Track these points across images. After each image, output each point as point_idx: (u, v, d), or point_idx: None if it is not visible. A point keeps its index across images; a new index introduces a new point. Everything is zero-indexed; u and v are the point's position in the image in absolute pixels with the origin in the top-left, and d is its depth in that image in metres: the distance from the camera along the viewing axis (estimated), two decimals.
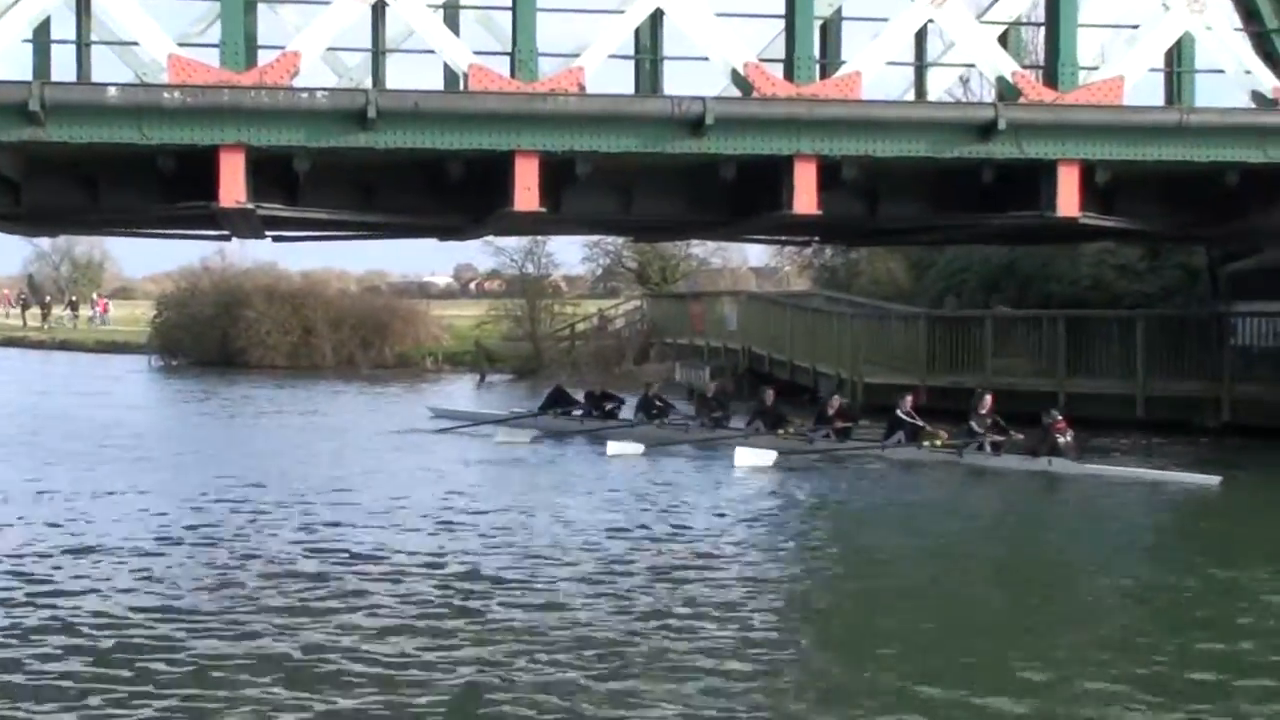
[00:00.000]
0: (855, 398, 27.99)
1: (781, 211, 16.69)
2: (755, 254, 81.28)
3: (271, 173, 16.26)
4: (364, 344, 49.57)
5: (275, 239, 21.32)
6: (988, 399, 22.31)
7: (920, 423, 22.39)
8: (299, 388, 39.24)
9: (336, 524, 15.84)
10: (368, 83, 17.65)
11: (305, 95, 15.12)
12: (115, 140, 14.92)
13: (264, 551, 14.18)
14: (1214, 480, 19.34)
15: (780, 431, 23.16)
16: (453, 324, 53.49)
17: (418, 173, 17.42)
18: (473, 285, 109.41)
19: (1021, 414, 25.01)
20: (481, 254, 76.19)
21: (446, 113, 15.47)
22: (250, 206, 15.59)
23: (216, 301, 51.09)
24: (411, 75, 54.72)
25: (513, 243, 47.93)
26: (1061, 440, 21.00)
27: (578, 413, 26.28)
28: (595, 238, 51.92)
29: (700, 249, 56.50)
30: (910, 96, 18.94)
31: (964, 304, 34.20)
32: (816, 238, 27.41)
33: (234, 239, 22.25)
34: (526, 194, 15.74)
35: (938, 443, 21.73)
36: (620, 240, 51.34)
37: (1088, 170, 17.16)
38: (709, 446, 23.13)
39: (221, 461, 21.78)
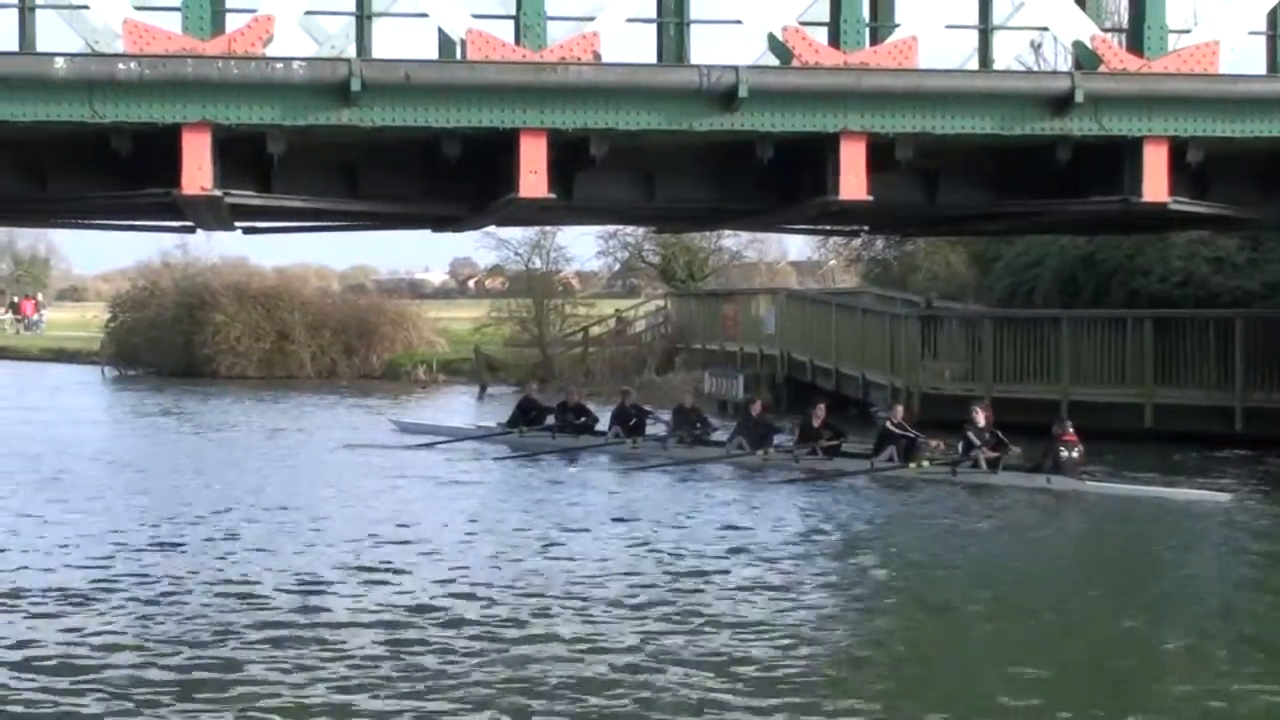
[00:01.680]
0: (911, 410, 27.95)
1: (826, 197, 16.66)
2: (796, 247, 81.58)
3: (241, 155, 16.28)
4: (347, 351, 49.68)
5: (246, 231, 21.36)
6: (981, 410, 22.73)
7: (913, 434, 22.82)
8: (272, 401, 39.42)
9: (261, 552, 16.23)
10: (351, 51, 17.68)
11: (280, 66, 15.14)
12: (63, 118, 14.95)
13: (187, 600, 14.27)
14: (1224, 497, 19.86)
15: (763, 452, 23.83)
16: (449, 328, 53.58)
17: (409, 154, 17.43)
18: (471, 283, 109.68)
19: (1104, 431, 24.98)
20: (482, 248, 75.92)
21: (441, 85, 15.49)
22: (217, 194, 15.61)
23: (179, 303, 51.25)
24: (402, 43, 54.92)
25: (517, 234, 48.06)
26: (1065, 455, 21.30)
27: (549, 426, 27.15)
28: (612, 229, 51.99)
29: (733, 241, 56.56)
30: (974, 65, 18.92)
31: (1037, 302, 34.14)
32: (866, 227, 27.33)
33: (199, 231, 22.31)
34: (533, 178, 15.75)
35: (926, 462, 22.18)
36: (641, 231, 51.39)
37: (1178, 149, 17.10)
38: (687, 465, 23.81)
39: (168, 487, 22.00)
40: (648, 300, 52.40)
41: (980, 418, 22.46)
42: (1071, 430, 21.60)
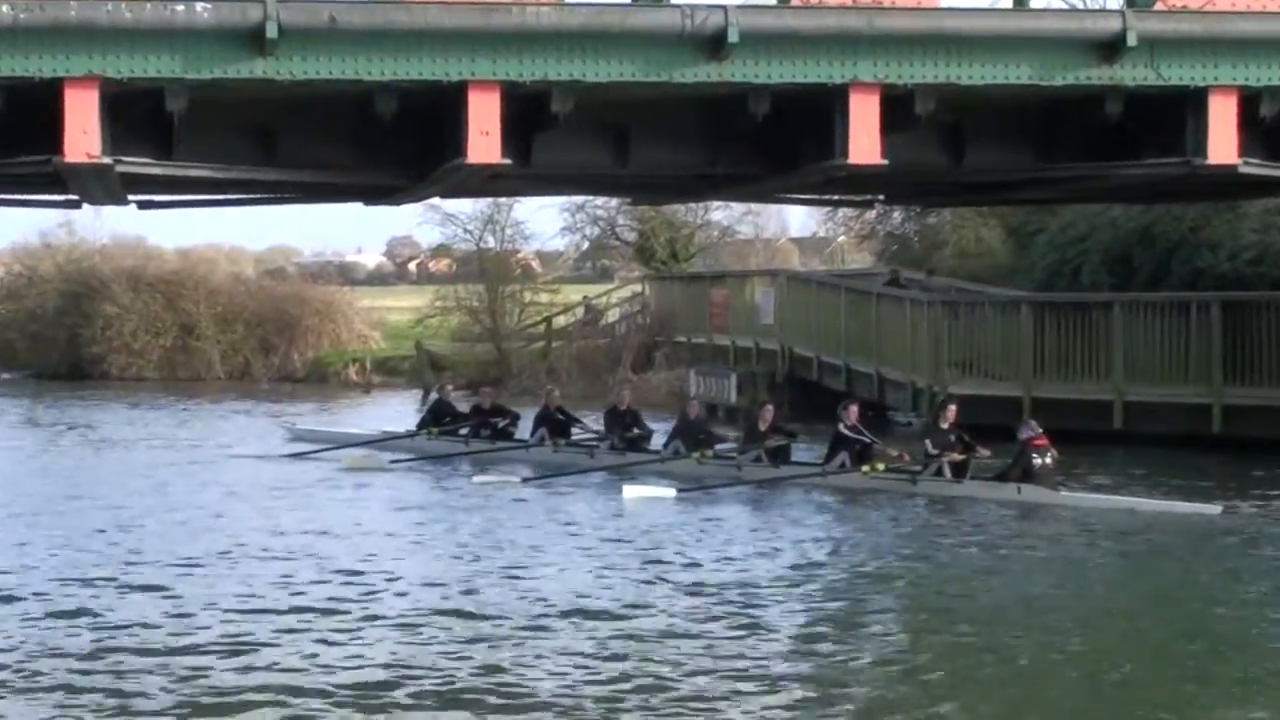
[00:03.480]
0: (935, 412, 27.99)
1: (833, 161, 16.72)
2: (798, 220, 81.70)
3: (136, 115, 16.30)
4: (264, 348, 49.64)
5: (141, 206, 21.35)
6: (951, 409, 23.08)
7: (869, 438, 23.29)
8: (171, 408, 39.25)
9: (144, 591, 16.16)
10: None
11: (181, 9, 15.16)
12: None
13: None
14: (1214, 509, 20.21)
15: (699, 455, 24.42)
16: (385, 319, 53.50)
17: (336, 114, 17.45)
18: (412, 267, 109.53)
19: (1163, 437, 25.03)
20: (424, 224, 75.74)
21: (374, 30, 15.51)
22: (107, 161, 15.62)
23: (62, 292, 51.20)
24: None
25: (466, 207, 48.01)
26: (1038, 461, 21.59)
27: (464, 431, 27.85)
28: (579, 200, 51.97)
29: (723, 214, 56.53)
30: (1007, 3, 18.98)
31: (1084, 284, 34.23)
32: (881, 197, 27.44)
33: (85, 206, 22.28)
34: (484, 140, 15.78)
35: (881, 466, 22.65)
36: (614, 204, 51.35)
37: (1249, 101, 17.20)
38: (620, 473, 24.31)
39: (29, 514, 21.84)
40: (622, 285, 52.37)
41: (947, 417, 22.82)
42: (1041, 434, 21.85)
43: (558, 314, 48.21)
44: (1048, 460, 21.60)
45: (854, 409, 23.78)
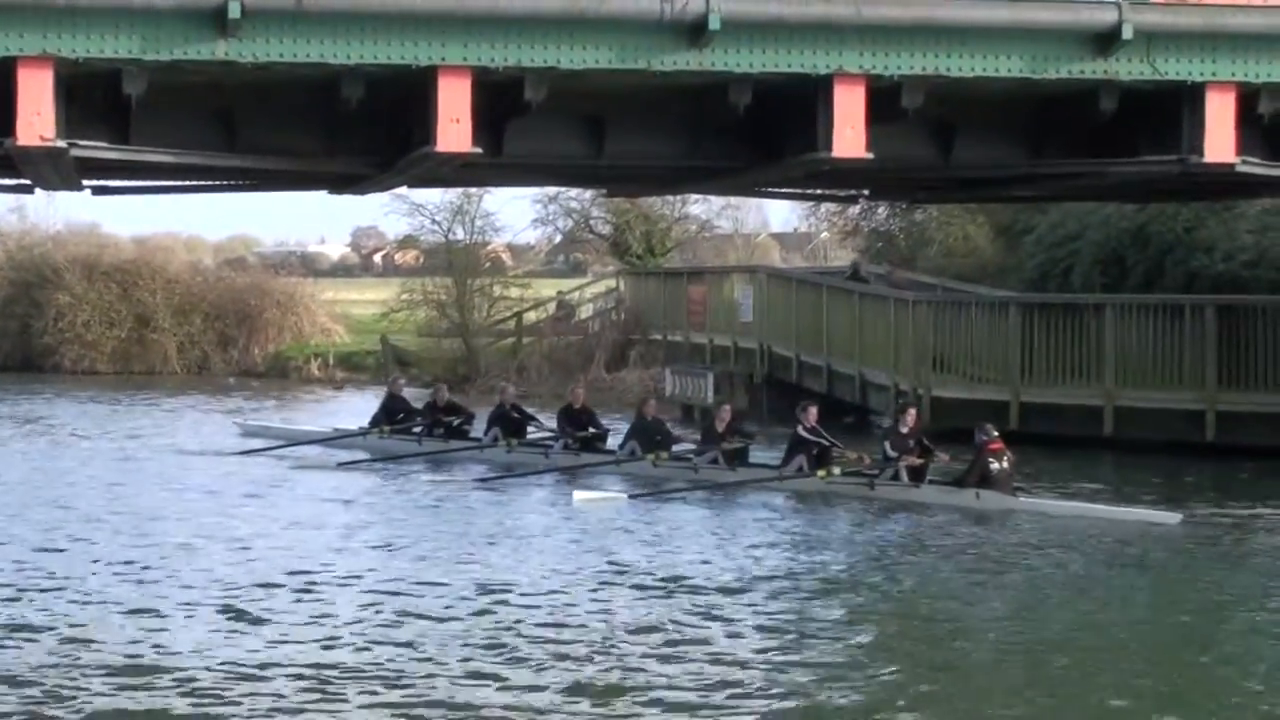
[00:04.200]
0: (920, 417, 28.01)
1: (816, 154, 16.71)
2: (779, 215, 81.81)
3: (92, 97, 16.24)
4: (222, 341, 49.54)
5: (96, 191, 21.28)
6: (911, 413, 23.40)
7: (828, 441, 23.54)
8: (124, 403, 39.11)
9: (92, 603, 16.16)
10: None
11: None
12: None
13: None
14: (1174, 518, 20.50)
15: (654, 457, 24.64)
16: (349, 312, 53.46)
17: (300, 99, 17.40)
18: (378, 258, 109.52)
19: (1156, 444, 25.13)
20: (391, 214, 75.63)
21: (340, 11, 15.46)
22: (61, 145, 15.55)
23: (12, 281, 51.08)
24: None
25: (435, 198, 47.89)
26: (995, 466, 21.83)
27: (417, 429, 28.23)
28: (552, 191, 51.90)
29: (701, 207, 56.55)
30: None
31: (1075, 285, 34.27)
32: (865, 192, 27.41)
33: (38, 191, 22.19)
34: (454, 129, 15.75)
35: (837, 470, 22.92)
36: (587, 195, 51.31)
37: (1248, 98, 17.21)
38: (573, 474, 24.63)
39: None
40: (596, 280, 52.41)
41: (907, 421, 23.10)
42: (997, 439, 22.06)
43: (529, 309, 48.18)
44: (1004, 465, 21.89)
45: (812, 411, 24.00)
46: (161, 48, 15.25)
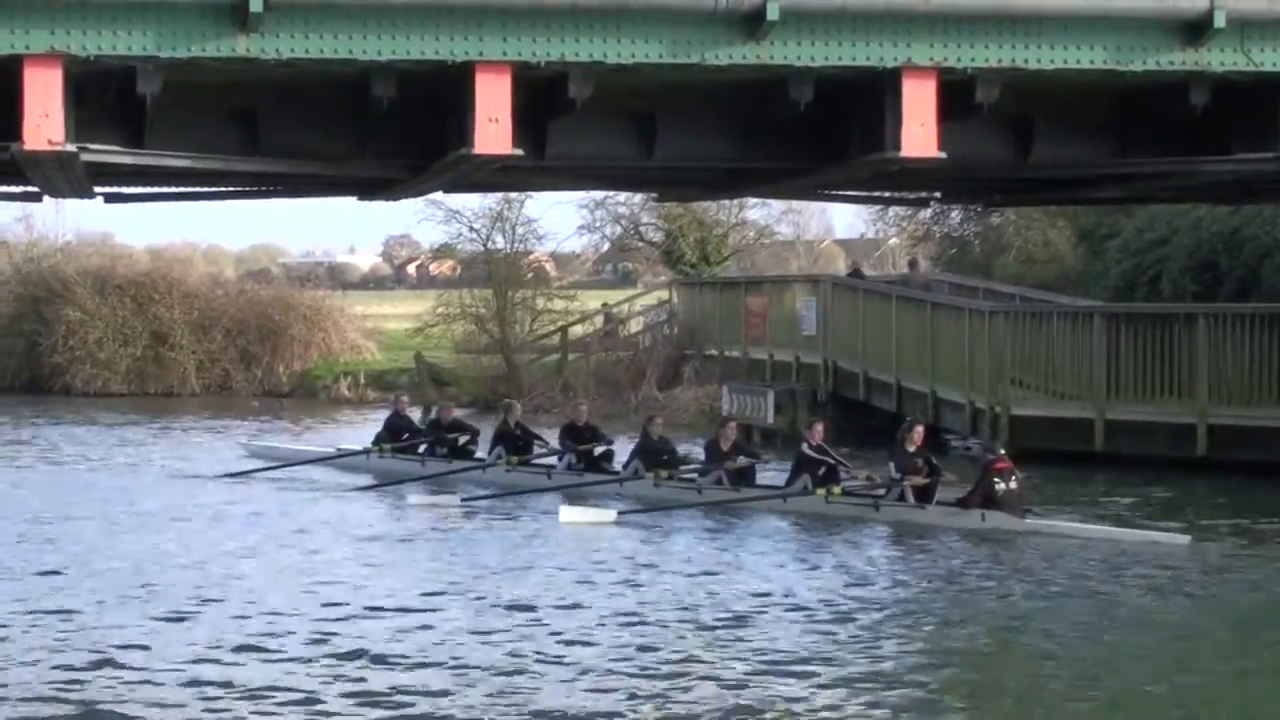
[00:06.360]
0: (998, 436, 27.95)
1: (884, 154, 16.72)
2: (844, 221, 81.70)
3: (104, 98, 16.32)
4: (245, 359, 49.74)
5: (109, 199, 21.40)
6: (918, 430, 23.37)
7: (834, 460, 23.73)
8: (138, 426, 39.20)
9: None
10: None
11: None
12: None
13: None
14: (1182, 540, 20.61)
15: (654, 475, 25.03)
16: (382, 327, 53.60)
17: (327, 98, 17.48)
18: (412, 269, 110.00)
19: (1254, 464, 25.02)
20: (426, 221, 75.82)
21: (370, 4, 15.53)
22: (71, 149, 15.65)
23: (20, 296, 51.37)
24: None
25: (473, 203, 48.08)
26: (1002, 487, 21.82)
27: (421, 448, 29.07)
28: (598, 196, 52.08)
29: (760, 212, 56.69)
30: None
31: (1164, 294, 34.18)
32: (937, 194, 27.44)
33: (47, 199, 22.33)
34: (493, 129, 15.79)
35: (838, 490, 23.14)
36: (637, 200, 51.45)
37: None
38: (573, 494, 25.17)
39: None
40: (647, 291, 52.46)
41: (913, 439, 23.11)
42: (1004, 458, 22.11)
43: (574, 323, 48.27)
44: (1011, 485, 21.88)
45: (819, 428, 24.19)
46: (178, 43, 15.33)
